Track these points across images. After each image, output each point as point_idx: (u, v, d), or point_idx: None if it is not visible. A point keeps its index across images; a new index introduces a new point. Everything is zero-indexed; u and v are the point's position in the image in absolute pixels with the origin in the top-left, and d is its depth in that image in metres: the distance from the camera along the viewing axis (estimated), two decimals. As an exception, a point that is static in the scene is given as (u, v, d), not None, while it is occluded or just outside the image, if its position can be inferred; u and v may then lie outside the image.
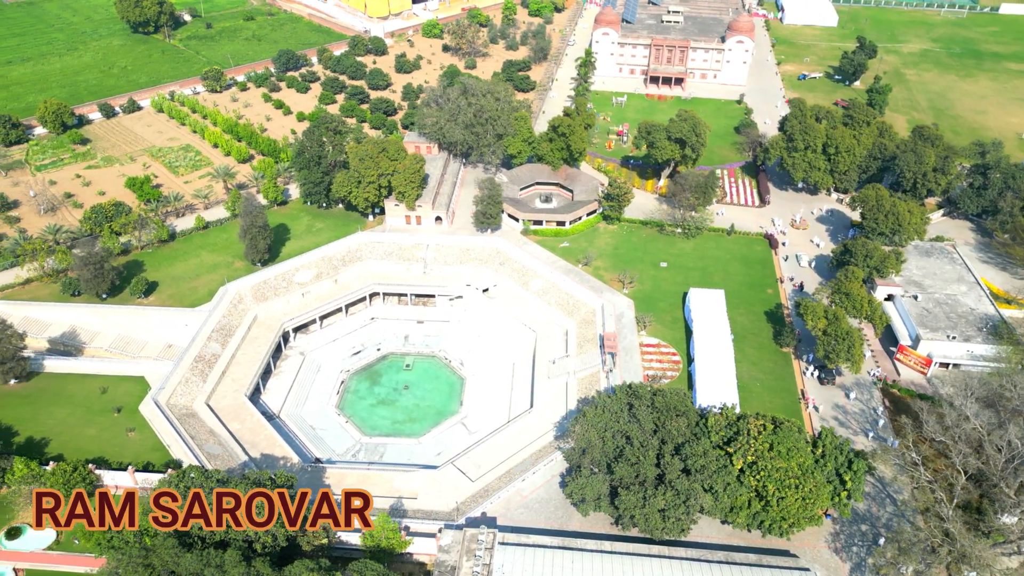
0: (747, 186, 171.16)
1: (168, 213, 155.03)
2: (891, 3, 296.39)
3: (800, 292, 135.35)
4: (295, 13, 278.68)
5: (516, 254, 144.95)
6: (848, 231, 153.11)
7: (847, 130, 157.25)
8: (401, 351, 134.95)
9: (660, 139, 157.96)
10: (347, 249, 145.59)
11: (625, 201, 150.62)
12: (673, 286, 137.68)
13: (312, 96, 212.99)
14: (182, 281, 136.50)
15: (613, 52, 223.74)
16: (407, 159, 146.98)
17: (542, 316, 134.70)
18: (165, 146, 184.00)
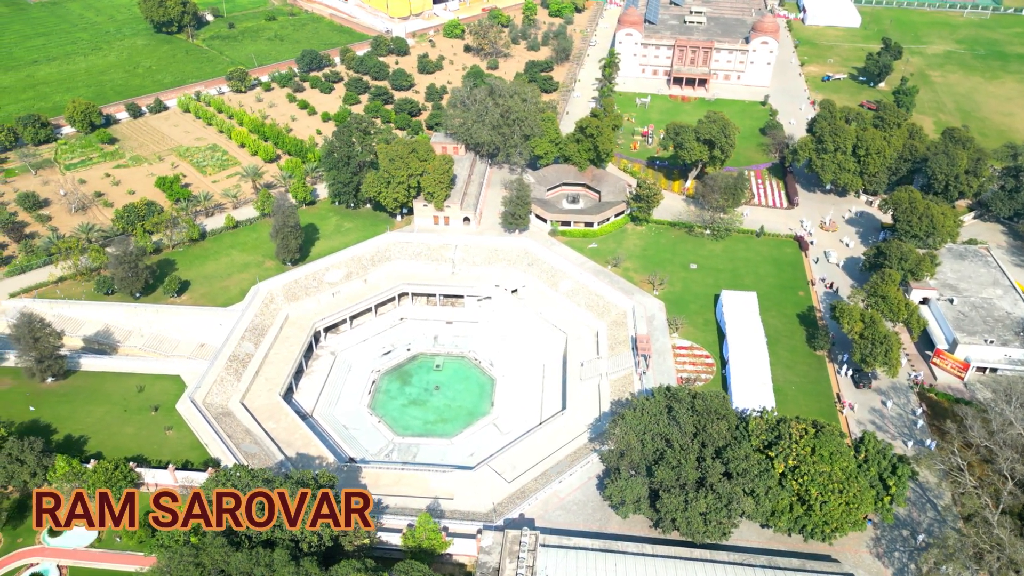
0: (774, 188, 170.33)
1: (198, 212, 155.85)
2: (913, 4, 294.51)
3: (834, 295, 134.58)
4: (316, 13, 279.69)
5: (544, 255, 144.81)
6: (879, 234, 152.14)
7: (877, 132, 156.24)
8: (431, 351, 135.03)
9: (689, 140, 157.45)
10: (376, 249, 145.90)
11: (654, 202, 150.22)
12: (704, 288, 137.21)
13: (336, 96, 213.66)
14: (214, 280, 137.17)
15: (636, 53, 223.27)
16: (436, 160, 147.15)
17: (572, 317, 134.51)
18: (192, 146, 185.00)
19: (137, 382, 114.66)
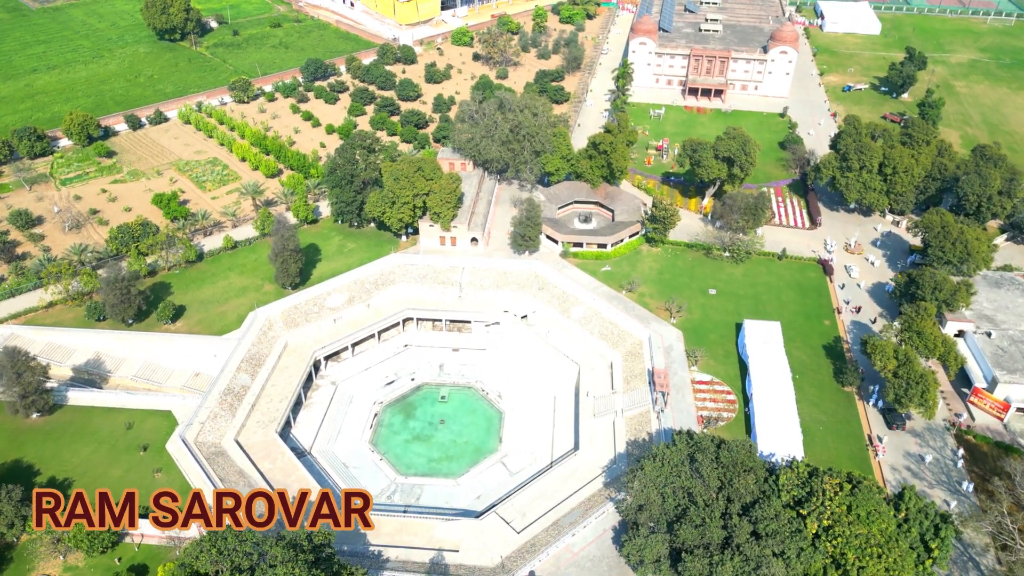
0: (795, 206, 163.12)
1: (196, 231, 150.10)
2: (935, 10, 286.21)
3: (866, 329, 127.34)
4: (322, 20, 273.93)
5: (555, 279, 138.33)
6: (907, 257, 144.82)
7: (905, 149, 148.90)
8: (436, 381, 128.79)
9: (707, 158, 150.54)
10: (380, 272, 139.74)
11: (671, 224, 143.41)
12: (724, 315, 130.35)
13: (341, 107, 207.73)
14: (210, 305, 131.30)
15: (650, 62, 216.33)
16: (443, 178, 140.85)
17: (585, 346, 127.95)
18: (192, 160, 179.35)
19: (126, 418, 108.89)
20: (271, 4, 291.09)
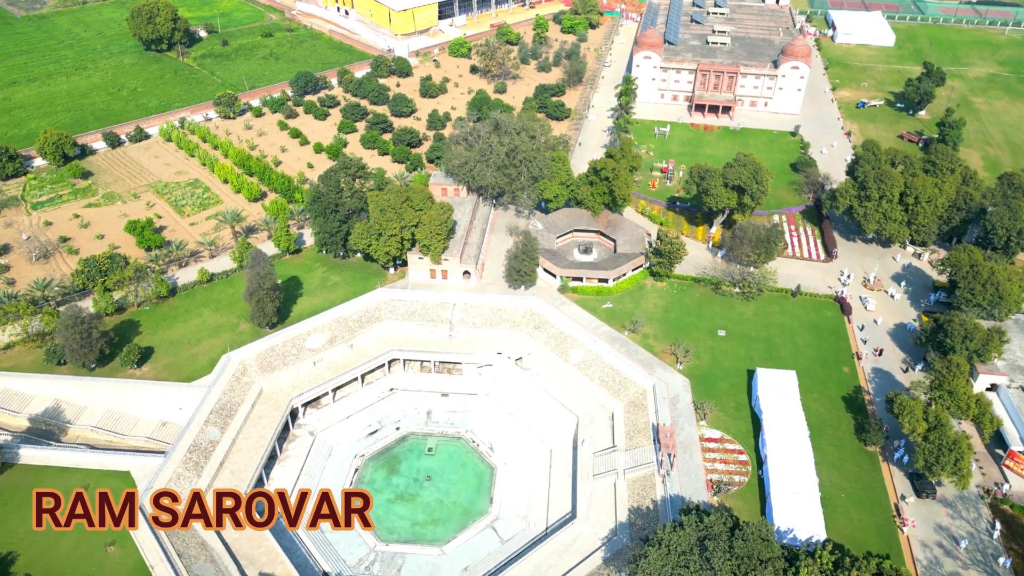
0: (810, 236, 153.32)
1: (170, 262, 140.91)
2: (950, 20, 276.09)
3: (888, 378, 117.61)
4: (315, 29, 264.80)
5: (553, 317, 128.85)
6: (930, 294, 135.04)
7: (928, 178, 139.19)
8: (423, 431, 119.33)
9: (715, 186, 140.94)
10: (365, 309, 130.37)
11: (677, 259, 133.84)
12: (734, 361, 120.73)
13: (331, 124, 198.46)
14: (180, 347, 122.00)
15: (655, 77, 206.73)
16: (433, 209, 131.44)
17: (584, 394, 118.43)
18: (172, 181, 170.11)
19: (82, 479, 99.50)
20: (263, 12, 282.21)
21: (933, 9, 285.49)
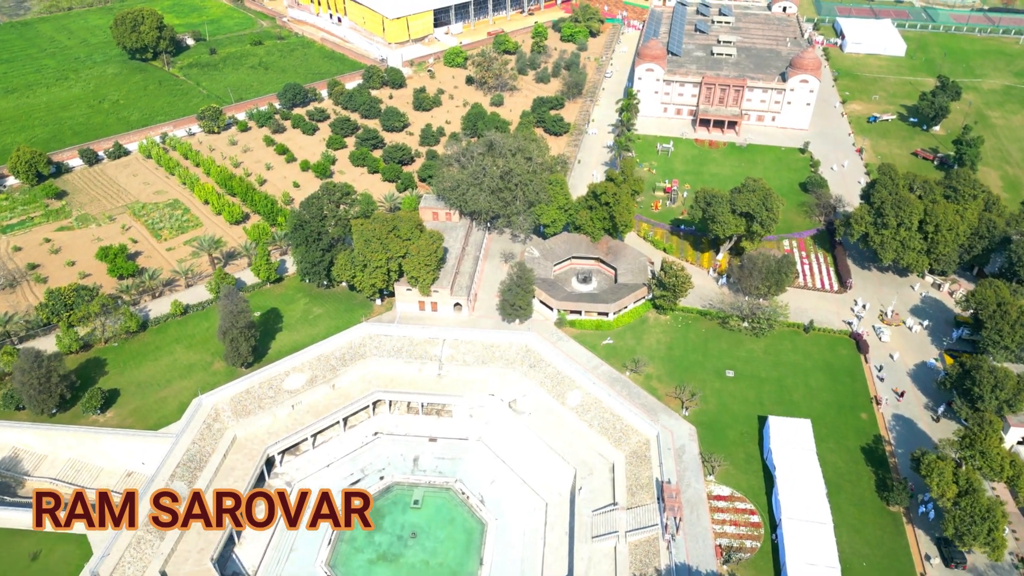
0: (822, 263, 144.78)
1: (143, 292, 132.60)
2: (962, 28, 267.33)
3: (910, 426, 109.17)
4: (307, 37, 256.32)
5: (549, 355, 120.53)
6: (952, 330, 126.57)
7: (949, 204, 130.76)
8: (409, 480, 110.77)
9: (723, 213, 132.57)
10: (348, 345, 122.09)
11: (682, 292, 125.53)
12: (744, 406, 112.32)
13: (319, 139, 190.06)
14: (149, 389, 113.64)
15: (658, 90, 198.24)
16: (422, 239, 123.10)
17: (582, 442, 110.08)
18: (150, 202, 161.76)
19: (33, 544, 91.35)
20: (253, 19, 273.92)
21: (944, 17, 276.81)
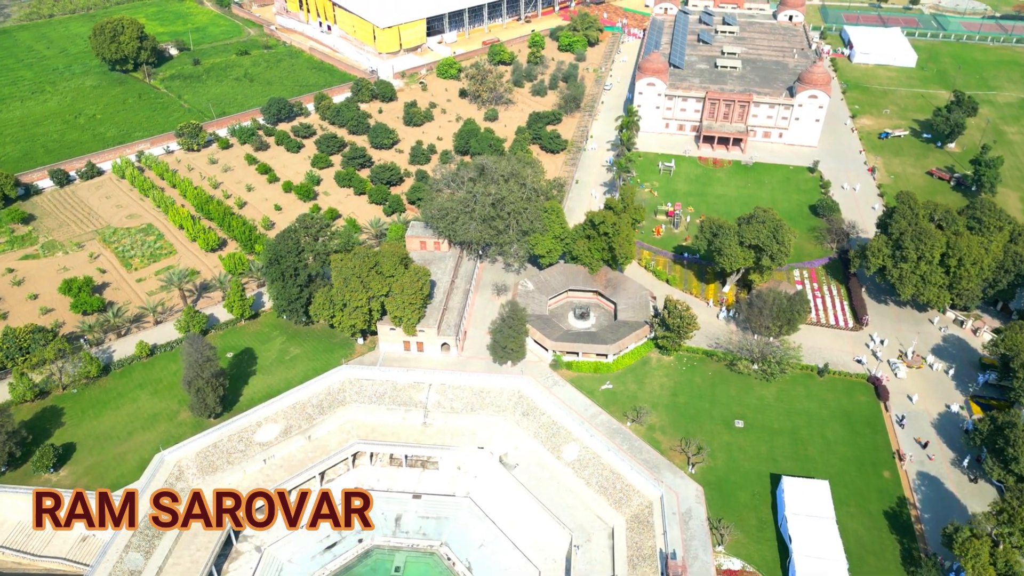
0: (835, 296, 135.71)
1: (107, 330, 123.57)
2: (974, 37, 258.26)
3: (937, 485, 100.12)
4: (295, 46, 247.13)
5: (544, 402, 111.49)
6: (978, 375, 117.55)
7: (974, 237, 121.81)
8: (391, 544, 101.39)
9: (730, 245, 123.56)
10: (326, 391, 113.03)
11: (687, 333, 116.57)
12: (755, 461, 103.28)
13: (304, 157, 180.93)
14: (107, 443, 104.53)
15: (659, 105, 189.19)
16: (406, 276, 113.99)
17: (579, 503, 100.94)
18: (121, 227, 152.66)
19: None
20: (241, 27, 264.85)
21: (955, 25, 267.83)
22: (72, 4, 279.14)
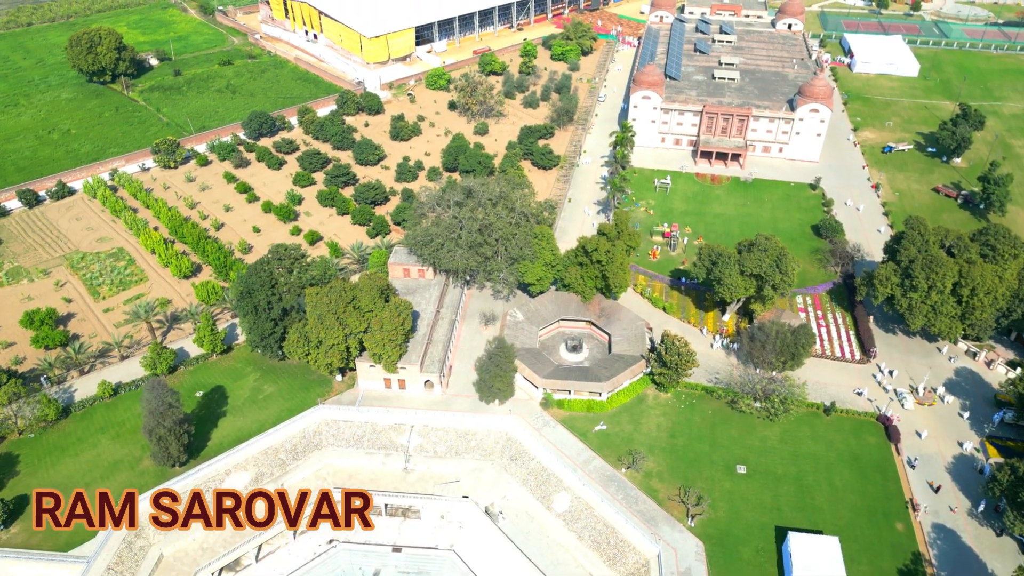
0: (840, 325, 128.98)
1: (69, 368, 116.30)
2: (977, 45, 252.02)
3: (953, 539, 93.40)
4: (280, 56, 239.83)
5: (533, 445, 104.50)
6: (994, 415, 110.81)
7: (987, 266, 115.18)
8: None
9: (730, 275, 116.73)
10: (301, 434, 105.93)
11: (685, 371, 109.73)
12: (759, 512, 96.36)
13: (286, 175, 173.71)
14: (64, 493, 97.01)
15: (655, 119, 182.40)
16: (386, 311, 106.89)
17: (570, 560, 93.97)
18: (91, 251, 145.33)
19: None
20: (225, 35, 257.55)
21: (958, 32, 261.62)
22: (51, 12, 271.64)
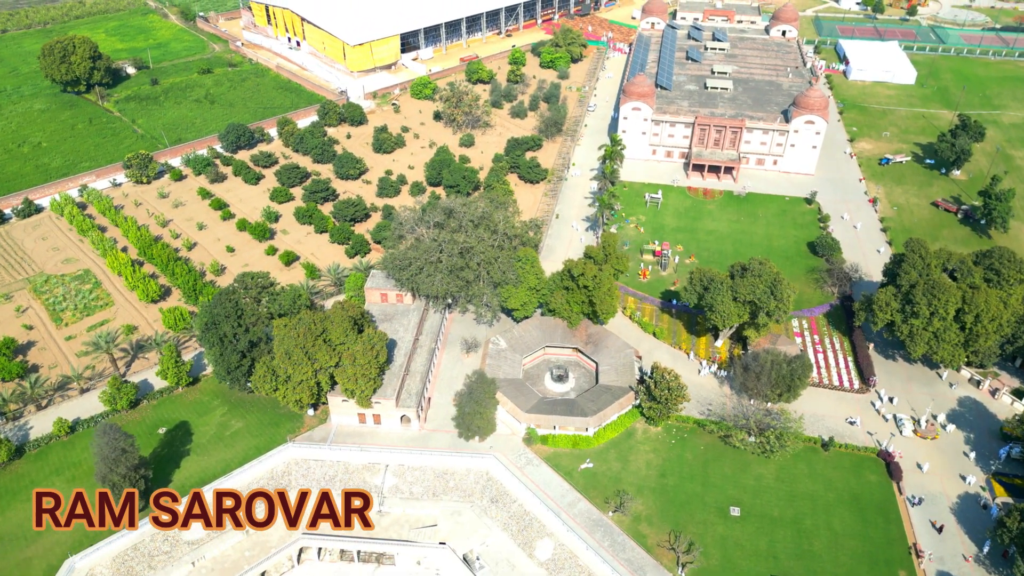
0: (838, 351, 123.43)
1: (26, 403, 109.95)
2: (975, 52, 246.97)
3: None
4: (262, 64, 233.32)
5: (515, 487, 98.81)
6: (999, 449, 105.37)
7: (992, 291, 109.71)
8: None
9: (722, 301, 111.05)
10: (269, 474, 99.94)
11: (675, 406, 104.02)
12: (753, 561, 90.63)
13: (263, 190, 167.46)
14: (12, 545, 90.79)
15: (646, 131, 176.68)
16: (358, 343, 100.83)
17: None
18: (56, 273, 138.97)
19: None
20: (205, 43, 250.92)
21: (955, 38, 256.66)
22: (27, 19, 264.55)
